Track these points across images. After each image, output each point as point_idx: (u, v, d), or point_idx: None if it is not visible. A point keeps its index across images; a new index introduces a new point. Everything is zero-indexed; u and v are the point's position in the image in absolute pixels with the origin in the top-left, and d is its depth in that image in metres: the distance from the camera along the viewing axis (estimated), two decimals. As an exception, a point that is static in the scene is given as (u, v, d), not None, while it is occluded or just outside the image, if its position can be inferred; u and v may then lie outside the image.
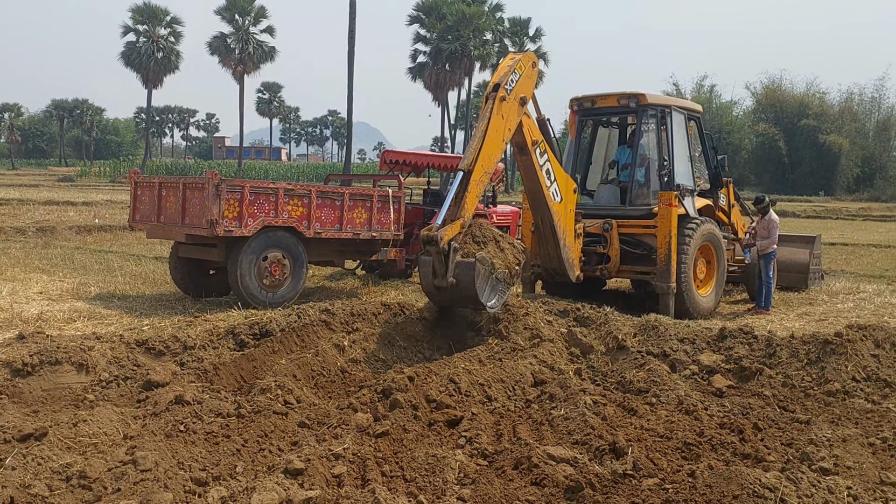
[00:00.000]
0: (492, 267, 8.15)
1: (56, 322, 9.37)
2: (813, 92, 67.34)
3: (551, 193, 10.68)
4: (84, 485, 4.35)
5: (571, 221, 11.16)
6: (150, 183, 11.62)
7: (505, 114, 9.46)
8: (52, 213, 25.89)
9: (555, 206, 10.78)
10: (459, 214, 8.37)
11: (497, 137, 9.31)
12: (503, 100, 9.45)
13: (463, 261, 8.04)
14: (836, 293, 13.89)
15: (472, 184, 8.68)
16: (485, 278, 8.07)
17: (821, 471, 4.85)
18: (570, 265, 11.22)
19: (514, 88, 9.58)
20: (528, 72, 9.93)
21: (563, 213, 10.96)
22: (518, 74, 9.72)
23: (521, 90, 9.75)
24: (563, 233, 11.00)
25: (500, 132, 9.39)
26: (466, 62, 59.95)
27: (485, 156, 8.97)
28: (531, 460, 4.81)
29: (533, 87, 10.12)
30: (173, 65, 68.98)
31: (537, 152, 10.37)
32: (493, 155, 9.16)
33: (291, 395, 6.08)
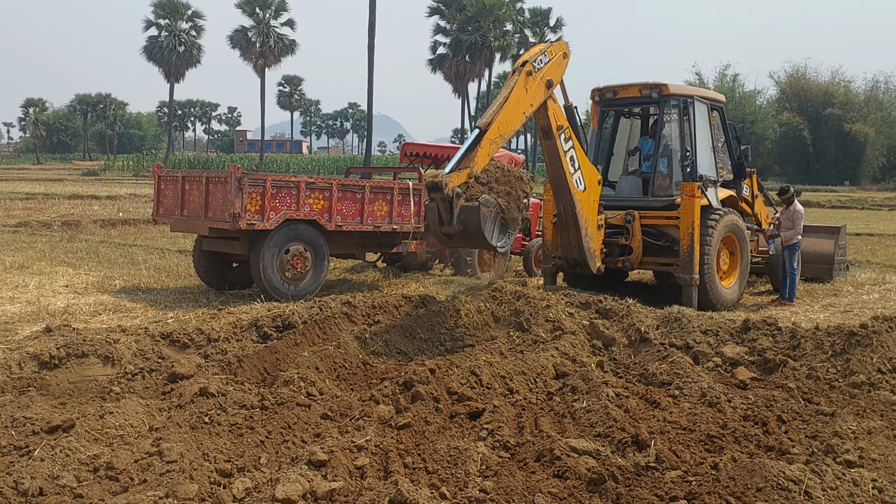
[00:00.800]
0: (497, 207, 8.08)
1: (82, 315, 9.48)
2: (838, 80, 66.57)
3: (574, 181, 10.66)
4: (111, 476, 4.41)
5: (594, 212, 11.12)
6: (174, 177, 11.71)
7: (529, 88, 9.49)
8: (76, 207, 26.17)
9: (578, 194, 10.74)
10: (468, 165, 8.30)
11: (518, 108, 9.33)
12: (529, 74, 9.49)
13: (467, 205, 7.97)
14: (861, 284, 13.74)
15: (485, 141, 8.61)
16: (492, 220, 8.02)
17: (846, 463, 4.81)
18: (592, 255, 11.19)
19: (542, 69, 9.64)
20: (558, 58, 9.98)
21: (587, 203, 10.93)
22: (548, 58, 9.78)
23: (548, 73, 9.78)
24: (586, 222, 10.97)
25: (522, 104, 9.41)
26: (486, 53, 59.87)
27: (503, 119, 8.98)
28: (553, 453, 4.81)
29: (561, 73, 10.12)
30: (195, 59, 69.50)
31: (562, 138, 10.34)
32: (510, 122, 9.16)
33: (314, 387, 6.12)
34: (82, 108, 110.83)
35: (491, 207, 8.03)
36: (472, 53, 59.58)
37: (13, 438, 4.86)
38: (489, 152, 8.75)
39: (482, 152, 8.57)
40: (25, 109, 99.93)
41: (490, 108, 9.11)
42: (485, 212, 7.93)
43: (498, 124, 8.83)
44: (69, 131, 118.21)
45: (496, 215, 8.07)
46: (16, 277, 12.07)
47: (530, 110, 9.61)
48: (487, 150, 8.68)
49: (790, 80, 67.43)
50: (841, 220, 24.01)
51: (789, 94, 67.09)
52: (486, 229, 7.92)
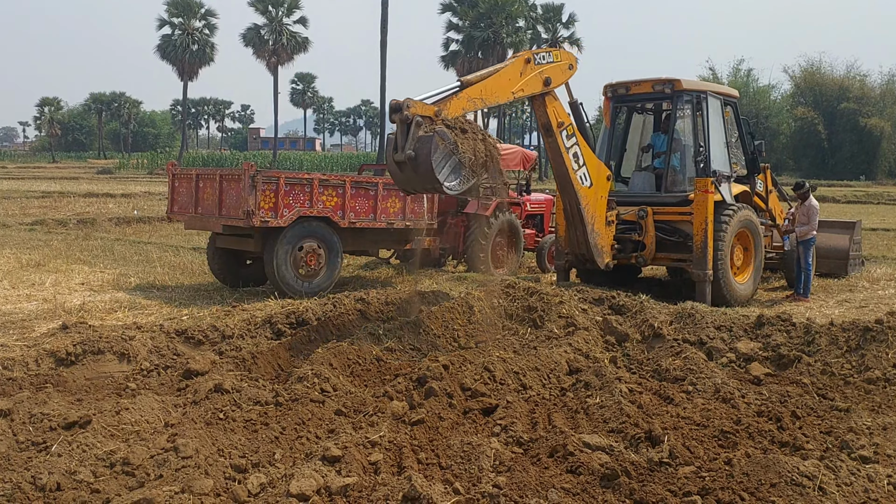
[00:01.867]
0: (454, 146, 7.79)
1: (98, 312, 9.55)
2: (853, 74, 65.98)
3: (579, 177, 10.73)
4: (127, 471, 4.45)
5: (602, 208, 11.12)
6: (188, 175, 11.77)
7: (524, 74, 9.68)
8: (92, 206, 26.34)
9: (582, 191, 10.81)
10: (438, 105, 8.19)
11: (507, 84, 9.49)
12: (528, 62, 9.75)
13: (423, 135, 7.75)
14: (876, 279, 13.65)
15: (463, 94, 8.64)
16: (444, 155, 7.70)
17: (860, 459, 4.80)
18: (599, 251, 11.21)
19: (543, 65, 9.91)
20: (562, 64, 10.26)
21: (593, 199, 10.97)
22: (552, 58, 9.97)
23: (548, 71, 10.01)
24: (592, 218, 11.02)
25: (512, 83, 9.57)
26: (499, 49, 59.65)
27: (489, 86, 9.10)
28: (566, 448, 4.82)
29: (562, 79, 10.29)
30: (208, 57, 69.73)
31: (563, 134, 10.44)
32: (495, 92, 9.27)
33: (328, 383, 6.14)
34: (97, 106, 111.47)
35: (447, 142, 7.76)
36: (485, 50, 59.40)
37: (31, 434, 4.91)
38: (464, 106, 8.71)
39: (457, 102, 8.55)
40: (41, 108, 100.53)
41: (482, 74, 9.24)
42: (438, 142, 7.66)
43: (482, 87, 8.96)
44: (84, 130, 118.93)
45: (450, 153, 7.78)
46: (32, 275, 12.18)
47: (520, 94, 9.75)
48: (463, 103, 8.68)
49: (805, 74, 66.92)
50: (856, 214, 23.86)
51: (804, 89, 66.59)
52: (435, 161, 7.61)
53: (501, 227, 14.02)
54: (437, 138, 7.70)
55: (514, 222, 14.31)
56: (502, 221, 13.99)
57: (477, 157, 8.00)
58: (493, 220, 13.79)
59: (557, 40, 65.78)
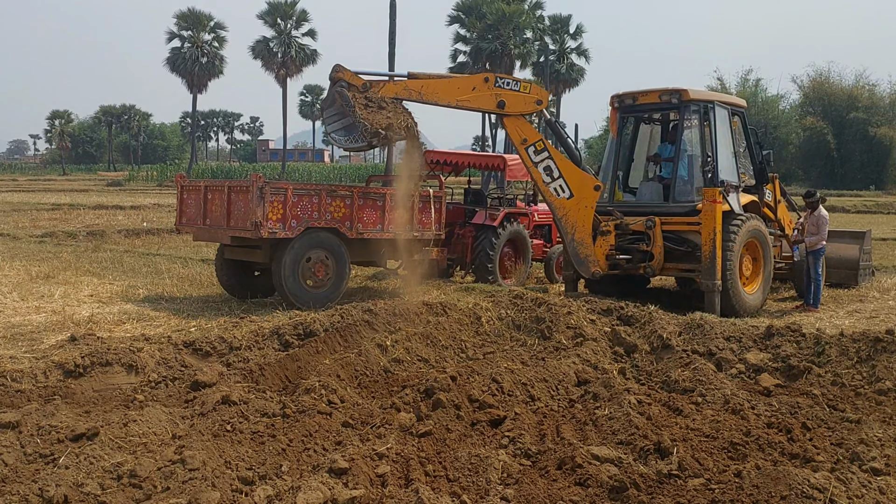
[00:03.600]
0: (352, 108, 9.26)
1: (106, 324, 9.57)
2: (862, 84, 65.65)
3: (552, 190, 11.38)
4: (134, 483, 4.45)
5: (586, 218, 11.53)
6: (196, 186, 11.80)
7: (477, 89, 10.56)
8: (101, 218, 26.44)
9: (558, 202, 11.42)
10: (369, 83, 9.68)
11: (453, 91, 10.53)
12: (486, 81, 10.62)
13: (333, 89, 9.58)
14: (887, 290, 13.57)
15: (403, 83, 10.07)
16: (338, 112, 9.35)
17: (872, 471, 4.76)
18: (582, 261, 11.65)
19: (503, 89, 10.67)
20: (528, 97, 11.04)
21: (573, 209, 11.48)
22: (517, 87, 10.82)
23: (506, 96, 10.80)
24: (572, 228, 11.50)
25: (460, 92, 10.55)
26: (507, 61, 59.83)
27: (435, 86, 10.27)
28: (575, 460, 4.79)
29: (520, 108, 11.10)
30: (217, 69, 70.08)
31: (530, 150, 11.23)
32: (438, 93, 10.41)
33: (335, 394, 6.14)
34: (107, 119, 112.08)
35: (345, 101, 9.34)
36: (493, 61, 59.55)
37: (39, 446, 4.91)
38: (397, 91, 10.03)
39: (393, 87, 9.92)
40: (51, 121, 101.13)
41: (433, 75, 10.43)
42: (336, 97, 9.44)
43: (427, 84, 10.09)
44: (94, 142, 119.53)
45: (343, 113, 9.37)
46: (42, 287, 12.22)
47: (465, 104, 10.66)
48: (398, 89, 10.03)
49: (813, 84, 66.70)
50: (866, 224, 23.72)
51: (812, 99, 66.34)
52: (327, 113, 9.49)
53: (509, 237, 14.01)
54: (337, 95, 9.49)
55: (521, 233, 14.30)
56: (510, 232, 13.98)
57: (373, 128, 9.47)
58: (500, 230, 13.78)
59: (565, 51, 65.93)
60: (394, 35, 42.11)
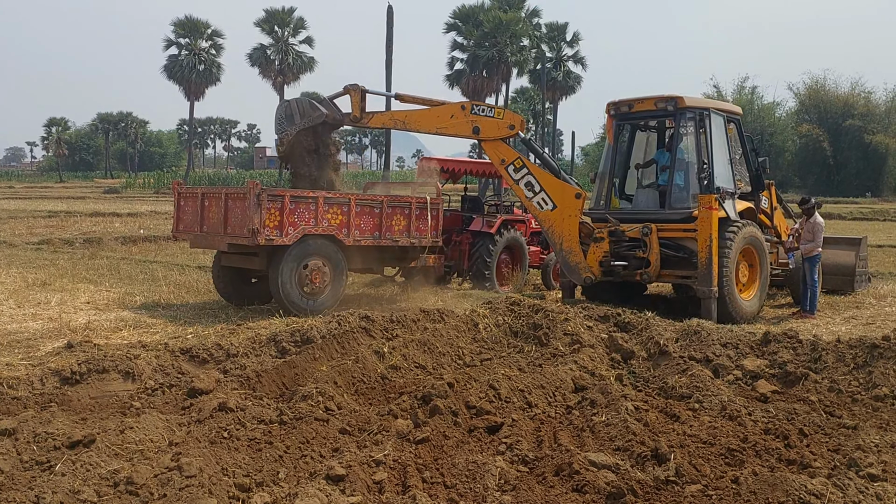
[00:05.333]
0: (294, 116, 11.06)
1: (103, 331, 9.56)
2: (858, 91, 65.94)
3: (535, 204, 11.75)
4: (131, 490, 4.43)
5: (572, 226, 11.81)
6: (193, 193, 11.81)
7: (455, 117, 11.15)
8: (98, 225, 26.43)
9: (541, 214, 11.82)
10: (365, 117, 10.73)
11: (433, 120, 11.21)
12: (463, 109, 11.25)
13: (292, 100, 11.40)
14: (883, 296, 13.61)
15: (391, 115, 11.19)
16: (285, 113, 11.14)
17: (869, 477, 4.76)
18: (573, 269, 11.90)
19: (479, 116, 11.23)
20: (501, 123, 11.58)
21: (559, 219, 11.80)
22: (492, 114, 11.40)
23: (481, 122, 11.38)
24: (560, 238, 11.79)
25: (439, 121, 11.17)
26: (504, 68, 59.95)
27: (413, 115, 11.07)
28: (572, 467, 4.79)
29: (494, 133, 11.66)
30: (215, 77, 70.19)
31: (510, 169, 11.69)
32: (419, 122, 11.24)
33: (332, 401, 6.13)
34: (104, 126, 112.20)
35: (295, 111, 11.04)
36: (489, 69, 59.66)
37: (35, 453, 4.90)
38: (384, 122, 11.16)
39: (381, 118, 10.96)
40: (48, 129, 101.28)
41: (418, 98, 11.22)
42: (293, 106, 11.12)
43: (410, 115, 10.91)
44: (91, 150, 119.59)
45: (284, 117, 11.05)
46: (38, 294, 12.20)
47: (443, 131, 11.32)
48: (385, 120, 11.12)
49: (809, 91, 66.94)
50: (862, 231, 23.76)
51: (808, 106, 66.58)
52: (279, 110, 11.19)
53: (506, 244, 14.02)
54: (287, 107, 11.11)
55: (518, 239, 14.32)
56: (507, 238, 13.99)
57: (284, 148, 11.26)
58: (497, 237, 13.80)
59: (562, 59, 66.09)
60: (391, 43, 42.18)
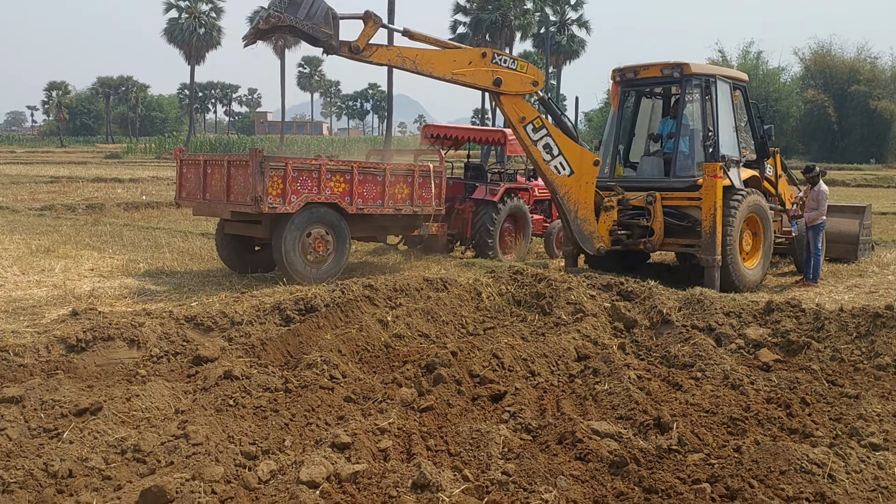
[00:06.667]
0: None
1: (107, 298, 9.58)
2: (864, 57, 65.30)
3: (552, 168, 11.12)
4: (138, 458, 4.48)
5: (588, 194, 11.38)
6: (196, 161, 11.76)
7: (474, 64, 10.18)
8: (100, 191, 26.39)
9: (558, 180, 11.18)
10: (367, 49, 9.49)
11: (449, 63, 10.11)
12: (483, 56, 10.24)
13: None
14: (887, 264, 13.59)
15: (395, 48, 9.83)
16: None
17: (870, 446, 4.80)
18: (586, 238, 11.49)
19: (500, 66, 10.32)
20: (524, 76, 10.72)
21: (574, 186, 11.27)
22: (514, 66, 10.43)
23: (503, 74, 10.44)
24: (575, 205, 11.32)
25: (456, 65, 10.13)
26: (507, 32, 59.35)
27: (428, 55, 9.89)
28: (575, 435, 4.83)
29: (517, 87, 10.77)
30: (215, 41, 69.58)
31: (528, 129, 10.90)
32: (431, 62, 10.02)
33: (337, 369, 6.17)
34: (104, 90, 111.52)
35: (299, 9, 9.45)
36: (492, 32, 59.06)
37: (42, 421, 4.94)
38: (391, 59, 9.81)
39: (387, 52, 9.72)
40: (48, 93, 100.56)
41: (430, 38, 10.07)
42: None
43: (421, 54, 9.77)
44: (92, 114, 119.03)
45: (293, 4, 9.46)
46: (42, 261, 12.22)
47: (461, 79, 10.26)
48: (392, 56, 9.80)
49: (815, 57, 66.30)
50: (867, 198, 23.69)
51: (814, 72, 65.99)
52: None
53: (510, 212, 14.00)
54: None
55: (522, 208, 14.28)
56: (510, 207, 13.96)
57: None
58: (501, 205, 13.76)
59: (566, 23, 65.42)
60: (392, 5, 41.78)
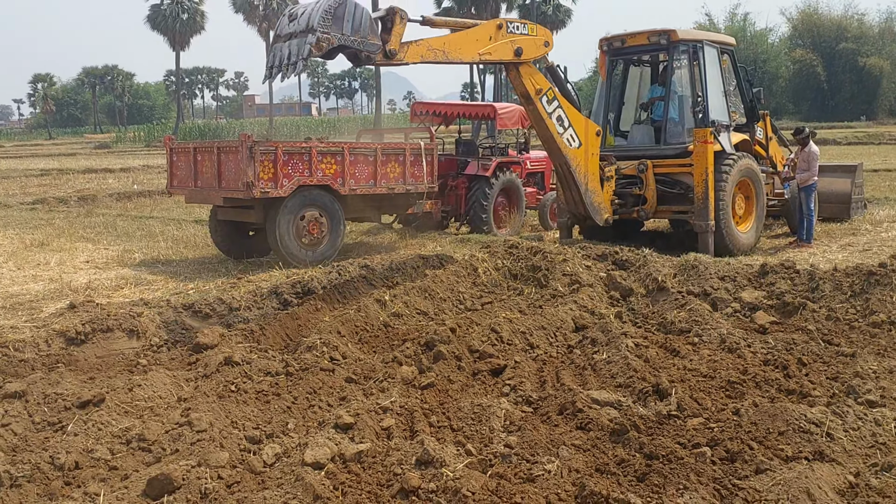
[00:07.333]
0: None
1: (104, 290, 9.59)
2: (851, 14, 65.21)
3: (565, 140, 10.70)
4: (144, 447, 4.51)
5: (594, 165, 11.12)
6: (185, 148, 11.73)
7: (494, 39, 9.44)
8: (91, 182, 26.30)
9: (571, 152, 10.78)
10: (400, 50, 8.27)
11: (474, 45, 9.26)
12: (500, 27, 9.51)
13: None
14: (879, 222, 13.65)
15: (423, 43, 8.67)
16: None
17: (867, 403, 4.84)
18: (596, 209, 11.23)
19: (516, 35, 9.67)
20: (537, 39, 10.05)
21: (584, 158, 10.95)
22: (527, 31, 9.81)
23: (520, 41, 9.76)
24: (585, 177, 11.02)
25: (480, 44, 9.34)
26: (493, 4, 59.10)
27: (453, 40, 8.99)
28: (575, 405, 4.87)
29: (535, 54, 10.12)
30: (199, 25, 69.19)
31: (543, 100, 10.37)
32: (460, 48, 9.12)
33: (337, 351, 6.19)
34: (90, 80, 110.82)
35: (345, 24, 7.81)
36: (478, 5, 58.78)
37: (46, 415, 4.97)
38: (422, 54, 8.72)
39: (417, 49, 8.57)
40: (34, 85, 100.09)
41: (450, 21, 9.20)
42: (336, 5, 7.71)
43: (446, 40, 8.88)
44: (79, 105, 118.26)
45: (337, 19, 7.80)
46: (37, 255, 12.21)
47: (487, 57, 9.55)
48: (423, 51, 8.69)
49: (802, 16, 66.12)
50: (858, 156, 23.72)
51: (801, 31, 65.83)
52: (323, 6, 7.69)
53: (503, 186, 14.00)
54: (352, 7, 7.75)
55: (515, 181, 14.29)
56: (503, 181, 13.96)
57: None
58: (493, 180, 13.76)
59: (551, -7, 64.96)
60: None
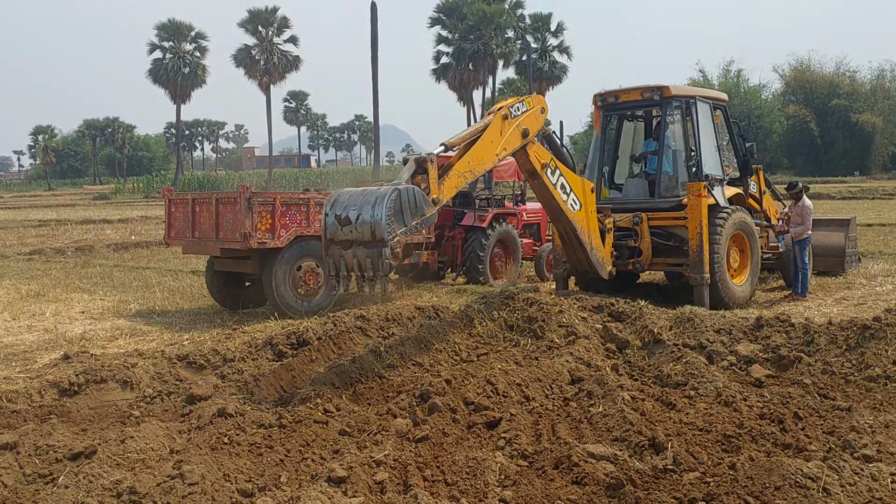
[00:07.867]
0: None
1: (99, 340, 9.57)
2: (843, 71, 66.20)
3: (569, 205, 10.65)
4: (134, 500, 4.46)
5: (594, 222, 11.13)
6: (184, 199, 11.81)
7: (504, 131, 9.28)
8: (89, 232, 26.38)
9: (575, 216, 10.74)
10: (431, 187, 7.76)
11: (491, 148, 9.08)
12: (505, 118, 9.31)
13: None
14: (874, 276, 13.70)
15: (453, 172, 8.34)
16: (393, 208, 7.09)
17: (863, 458, 4.81)
18: (601, 265, 11.23)
19: (520, 117, 9.45)
20: (535, 111, 9.80)
21: (585, 218, 10.94)
22: (525, 107, 9.68)
23: (525, 122, 9.56)
24: (589, 237, 11.00)
25: (496, 145, 9.16)
26: (489, 61, 59.99)
27: (475, 156, 8.74)
28: (571, 459, 4.83)
29: (538, 126, 9.95)
30: (200, 79, 70.00)
31: (547, 172, 10.27)
32: (482, 160, 8.91)
33: (331, 403, 6.16)
34: (91, 132, 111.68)
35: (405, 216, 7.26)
36: (475, 61, 59.69)
37: (37, 466, 4.92)
38: (456, 184, 8.52)
39: (449, 183, 8.30)
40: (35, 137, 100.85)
41: (461, 133, 8.84)
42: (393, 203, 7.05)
43: (469, 159, 8.61)
44: (79, 156, 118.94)
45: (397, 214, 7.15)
46: (32, 306, 12.19)
47: (503, 153, 9.39)
48: (455, 181, 8.46)
49: (794, 73, 67.11)
50: (851, 210, 23.87)
51: (794, 87, 66.76)
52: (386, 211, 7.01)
53: (499, 237, 14.06)
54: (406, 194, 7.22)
55: (511, 232, 14.36)
56: (499, 232, 14.03)
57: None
58: (490, 231, 13.83)
59: (547, 49, 66.04)
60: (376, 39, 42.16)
